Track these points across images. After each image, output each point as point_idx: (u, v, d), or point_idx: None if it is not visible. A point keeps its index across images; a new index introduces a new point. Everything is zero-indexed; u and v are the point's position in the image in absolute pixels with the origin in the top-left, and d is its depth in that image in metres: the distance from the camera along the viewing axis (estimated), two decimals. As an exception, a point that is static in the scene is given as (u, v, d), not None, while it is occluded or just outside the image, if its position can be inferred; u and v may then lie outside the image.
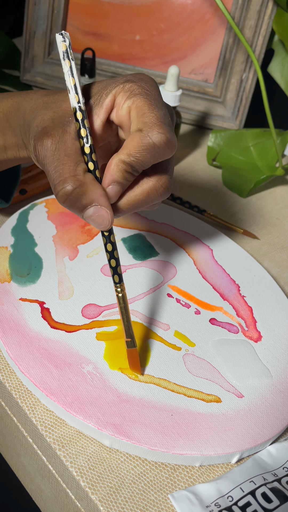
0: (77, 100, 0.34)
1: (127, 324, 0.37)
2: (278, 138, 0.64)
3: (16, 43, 0.81)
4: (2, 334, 0.39)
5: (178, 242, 0.50)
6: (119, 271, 0.36)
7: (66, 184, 0.33)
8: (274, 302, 0.46)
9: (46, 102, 0.38)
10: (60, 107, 0.37)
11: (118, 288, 0.36)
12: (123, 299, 0.36)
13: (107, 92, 0.36)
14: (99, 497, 0.33)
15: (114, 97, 0.35)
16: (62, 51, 0.35)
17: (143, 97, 0.34)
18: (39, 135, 0.35)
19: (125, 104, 0.35)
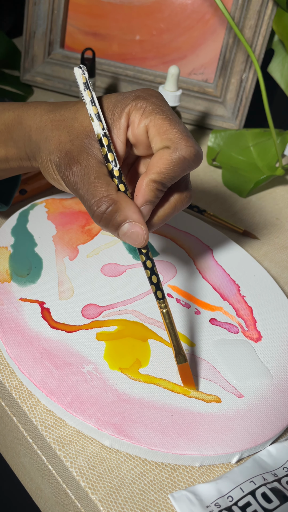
0: (102, 127, 0.35)
1: (175, 340, 0.37)
2: (278, 138, 0.64)
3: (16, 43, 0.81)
4: (2, 334, 0.39)
5: (178, 242, 0.50)
6: (161, 287, 0.36)
7: (101, 204, 0.34)
8: (274, 302, 0.46)
9: (54, 121, 0.38)
10: (73, 126, 0.37)
11: (162, 304, 0.37)
12: (168, 315, 0.37)
13: (120, 110, 0.36)
14: (99, 497, 0.33)
15: (128, 116, 0.36)
16: (82, 83, 0.36)
17: (160, 114, 0.35)
18: (66, 162, 0.36)
19: (142, 124, 0.36)
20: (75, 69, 0.36)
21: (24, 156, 0.41)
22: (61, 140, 0.37)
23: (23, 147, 0.40)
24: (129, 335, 0.40)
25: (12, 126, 0.40)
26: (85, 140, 0.36)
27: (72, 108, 0.38)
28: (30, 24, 0.71)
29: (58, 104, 0.40)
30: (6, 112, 0.41)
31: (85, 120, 0.37)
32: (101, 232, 0.49)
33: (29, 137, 0.39)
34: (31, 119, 0.39)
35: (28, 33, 0.71)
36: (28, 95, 0.74)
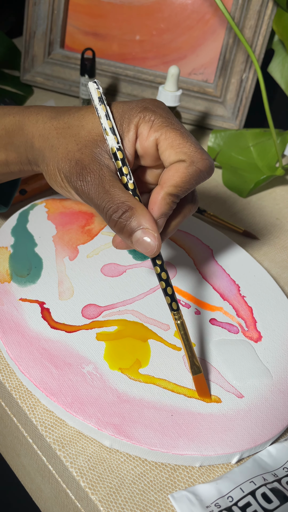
0: (117, 141, 0.36)
1: (190, 351, 0.37)
2: (278, 138, 0.64)
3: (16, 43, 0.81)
4: (2, 334, 0.39)
5: (178, 242, 0.50)
6: (175, 298, 0.37)
7: (118, 209, 0.35)
8: (274, 302, 0.46)
9: (59, 128, 0.38)
10: (79, 134, 0.37)
11: (176, 315, 0.37)
12: (183, 326, 0.37)
13: (128, 122, 0.36)
14: (99, 497, 0.33)
15: (136, 129, 0.37)
16: (97, 97, 0.36)
17: (170, 128, 0.36)
18: (77, 171, 0.36)
19: (152, 137, 0.36)
20: (90, 84, 0.36)
21: (25, 161, 0.41)
22: (69, 149, 0.37)
23: (24, 153, 0.40)
24: (129, 335, 0.41)
25: (13, 131, 0.40)
26: (95, 150, 0.37)
27: (76, 115, 0.38)
28: (30, 24, 0.71)
29: (61, 111, 0.39)
30: (7, 116, 0.41)
31: (93, 129, 0.37)
32: (101, 232, 0.49)
33: (32, 144, 0.39)
34: (33, 125, 0.39)
35: (28, 33, 0.71)
36: (28, 95, 0.74)
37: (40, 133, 0.39)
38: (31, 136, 0.39)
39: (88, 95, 0.65)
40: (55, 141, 0.38)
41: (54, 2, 0.69)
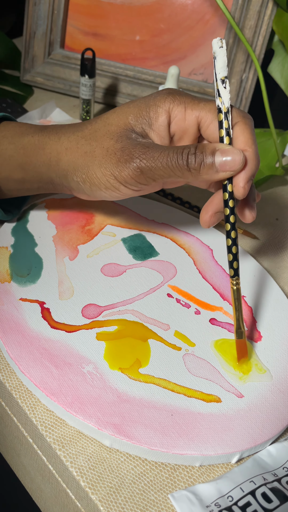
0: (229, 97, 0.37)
1: (240, 315, 0.39)
2: (278, 138, 0.64)
3: (16, 43, 0.81)
4: (2, 334, 0.39)
5: (178, 242, 0.50)
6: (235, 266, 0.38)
7: (188, 149, 0.36)
8: (274, 302, 0.46)
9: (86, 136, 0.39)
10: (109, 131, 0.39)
11: (235, 281, 0.38)
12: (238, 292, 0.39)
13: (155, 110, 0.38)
14: (99, 497, 0.33)
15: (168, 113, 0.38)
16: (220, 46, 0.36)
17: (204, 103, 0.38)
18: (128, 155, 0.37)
19: (191, 116, 0.38)
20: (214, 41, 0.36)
21: (46, 180, 0.42)
22: (106, 146, 0.38)
23: (46, 172, 0.41)
24: (129, 335, 0.41)
25: (31, 151, 0.41)
26: (131, 136, 0.38)
27: (99, 120, 0.40)
28: (30, 24, 0.71)
29: (80, 124, 0.41)
30: (25, 136, 0.41)
31: (120, 122, 0.38)
32: (101, 232, 0.49)
33: (57, 161, 0.40)
34: (55, 143, 0.40)
35: (28, 33, 0.71)
36: (28, 95, 0.74)
37: (67, 147, 0.39)
38: (56, 153, 0.40)
39: (88, 96, 0.65)
40: (87, 147, 0.38)
41: (54, 2, 0.70)
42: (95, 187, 0.39)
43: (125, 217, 0.51)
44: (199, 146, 0.36)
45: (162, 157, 0.36)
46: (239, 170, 0.36)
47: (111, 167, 0.37)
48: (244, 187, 0.36)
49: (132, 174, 0.37)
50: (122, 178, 0.37)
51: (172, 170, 0.36)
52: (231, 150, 0.36)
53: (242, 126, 0.37)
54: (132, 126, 0.38)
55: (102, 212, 0.51)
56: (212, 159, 0.36)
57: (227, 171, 0.36)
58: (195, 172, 0.36)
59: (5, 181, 0.43)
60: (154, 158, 0.36)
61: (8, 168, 0.42)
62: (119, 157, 0.37)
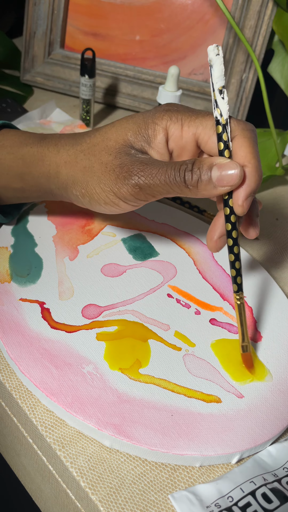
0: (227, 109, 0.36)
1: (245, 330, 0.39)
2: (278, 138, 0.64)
3: (16, 43, 0.81)
4: (2, 334, 0.39)
5: (178, 242, 0.50)
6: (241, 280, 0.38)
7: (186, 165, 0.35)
8: (274, 302, 0.46)
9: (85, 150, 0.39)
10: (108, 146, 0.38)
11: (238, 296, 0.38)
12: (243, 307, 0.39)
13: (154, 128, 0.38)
14: (99, 497, 0.33)
15: (166, 131, 0.37)
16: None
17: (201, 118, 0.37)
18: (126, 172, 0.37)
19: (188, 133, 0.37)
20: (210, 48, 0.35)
21: (46, 190, 0.42)
22: (105, 162, 0.37)
23: (46, 183, 0.41)
24: (129, 335, 0.41)
25: (31, 162, 0.41)
26: (130, 152, 0.37)
27: (97, 134, 0.39)
28: (30, 24, 0.71)
29: (79, 136, 0.40)
30: (24, 147, 0.41)
31: (119, 137, 0.38)
32: (101, 232, 0.49)
33: (56, 173, 0.40)
34: (55, 156, 0.40)
35: (28, 33, 0.71)
36: (28, 95, 0.74)
37: (66, 160, 0.39)
38: (55, 165, 0.40)
39: (88, 96, 0.65)
40: (86, 162, 0.38)
41: (54, 2, 0.70)
42: (95, 201, 0.39)
43: (125, 217, 0.51)
44: (196, 162, 0.35)
45: (160, 174, 0.36)
46: (238, 184, 0.35)
47: (110, 184, 0.37)
48: (243, 205, 0.36)
49: (131, 191, 0.37)
50: (121, 195, 0.37)
51: (170, 187, 0.36)
52: (228, 164, 0.35)
53: (241, 139, 0.36)
54: (131, 142, 0.38)
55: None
56: (209, 175, 0.35)
57: (225, 186, 0.35)
58: (193, 188, 0.35)
59: (4, 190, 0.43)
60: (153, 175, 0.36)
61: (7, 177, 0.42)
62: (117, 173, 0.37)
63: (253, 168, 0.35)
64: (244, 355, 0.40)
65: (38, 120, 0.67)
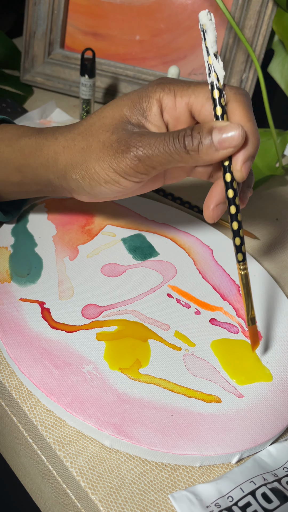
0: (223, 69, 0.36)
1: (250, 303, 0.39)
2: (278, 138, 0.64)
3: (16, 43, 0.81)
4: (2, 334, 0.39)
5: (178, 242, 0.50)
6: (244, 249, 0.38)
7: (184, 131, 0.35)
8: (274, 302, 0.46)
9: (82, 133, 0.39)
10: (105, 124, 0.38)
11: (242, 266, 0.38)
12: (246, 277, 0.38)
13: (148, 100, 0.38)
14: (99, 497, 0.33)
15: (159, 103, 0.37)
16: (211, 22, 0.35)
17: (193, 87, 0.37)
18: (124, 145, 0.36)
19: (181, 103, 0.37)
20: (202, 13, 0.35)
21: (45, 182, 0.41)
22: (102, 139, 0.37)
23: (44, 174, 0.41)
24: (129, 335, 0.41)
25: (29, 153, 0.41)
26: (127, 126, 0.37)
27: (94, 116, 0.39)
28: (30, 24, 0.71)
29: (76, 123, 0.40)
30: (22, 139, 0.41)
31: (115, 114, 0.38)
32: (101, 232, 0.49)
33: (55, 161, 0.39)
34: (53, 143, 0.40)
35: (28, 33, 0.71)
36: (28, 95, 0.74)
37: (64, 145, 0.39)
38: (53, 153, 0.39)
39: (88, 96, 0.65)
40: (83, 143, 0.38)
41: (54, 2, 0.70)
42: (95, 182, 0.38)
43: (125, 217, 0.51)
44: (195, 127, 0.35)
45: (159, 143, 0.35)
46: (240, 145, 0.35)
47: (108, 160, 0.37)
48: (242, 170, 0.35)
49: (131, 164, 0.36)
50: (121, 170, 0.37)
51: (170, 155, 0.35)
52: (229, 125, 0.34)
53: (234, 104, 0.35)
54: (127, 117, 0.38)
55: (102, 212, 0.51)
56: (210, 138, 0.34)
57: (227, 148, 0.35)
58: (194, 154, 0.35)
59: (2, 184, 0.43)
60: (151, 145, 0.35)
61: (6, 171, 0.42)
62: (115, 148, 0.36)
63: (250, 131, 0.35)
64: (251, 328, 0.39)
65: (38, 120, 0.67)
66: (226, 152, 0.35)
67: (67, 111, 0.72)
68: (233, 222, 0.37)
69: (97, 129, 0.38)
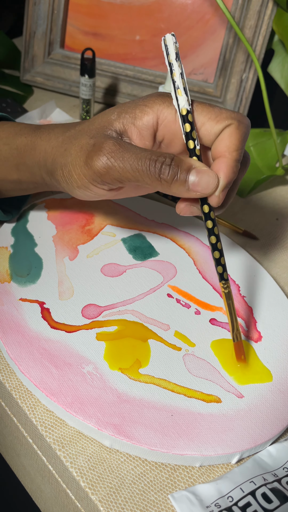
0: (188, 103, 0.35)
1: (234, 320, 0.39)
2: (278, 138, 0.64)
3: (16, 43, 0.81)
4: (2, 334, 0.39)
5: (178, 242, 0.50)
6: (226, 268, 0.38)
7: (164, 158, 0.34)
8: (274, 302, 0.46)
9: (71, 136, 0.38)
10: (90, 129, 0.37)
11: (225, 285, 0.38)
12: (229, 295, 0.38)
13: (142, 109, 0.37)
14: (99, 497, 0.33)
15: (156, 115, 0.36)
16: (175, 52, 0.35)
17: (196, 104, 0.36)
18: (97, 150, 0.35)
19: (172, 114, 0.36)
20: (167, 36, 0.35)
21: (40, 181, 0.41)
22: (82, 144, 0.37)
23: (38, 172, 0.41)
24: (129, 335, 0.41)
25: (25, 152, 0.41)
26: (106, 132, 0.36)
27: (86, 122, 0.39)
28: (30, 24, 0.71)
29: (72, 124, 0.40)
30: (19, 137, 0.41)
31: (102, 120, 0.37)
32: (101, 232, 0.49)
33: (45, 160, 0.39)
34: (45, 143, 0.40)
35: (28, 33, 0.71)
36: (28, 95, 0.74)
37: (53, 146, 0.39)
38: (44, 152, 0.39)
39: (88, 95, 0.65)
40: (68, 145, 0.38)
41: (54, 2, 0.69)
42: (70, 185, 0.38)
43: (125, 217, 0.51)
44: (175, 159, 0.34)
45: (132, 159, 0.34)
46: (211, 194, 0.35)
47: (80, 164, 0.36)
48: (219, 195, 0.35)
49: (98, 172, 0.35)
50: (89, 176, 0.36)
51: (140, 175, 0.34)
52: (207, 172, 0.34)
53: (233, 129, 0.35)
54: (112, 122, 0.37)
55: (102, 212, 0.51)
56: (186, 176, 0.34)
57: (197, 192, 0.34)
58: (165, 184, 0.34)
59: (2, 182, 0.43)
60: (124, 158, 0.34)
61: (4, 169, 0.42)
62: (89, 152, 0.35)
63: (233, 160, 0.35)
64: (236, 344, 0.40)
65: (38, 120, 0.67)
66: (195, 194, 0.35)
67: (67, 111, 0.72)
68: (215, 251, 0.37)
69: (83, 133, 0.37)
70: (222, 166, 0.35)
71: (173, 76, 0.35)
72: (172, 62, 0.35)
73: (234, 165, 0.35)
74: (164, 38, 0.35)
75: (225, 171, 0.35)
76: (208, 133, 0.36)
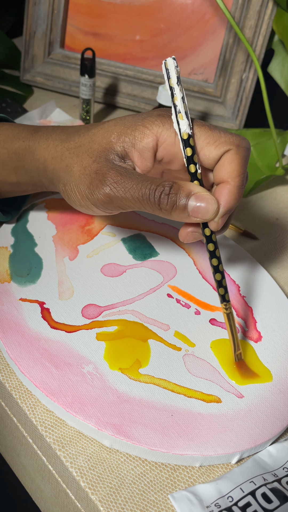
0: (190, 127, 0.35)
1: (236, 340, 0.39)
2: (278, 138, 0.64)
3: (16, 43, 0.81)
4: (2, 334, 0.39)
5: (178, 242, 0.50)
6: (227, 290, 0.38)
7: (163, 187, 0.34)
8: (274, 302, 0.46)
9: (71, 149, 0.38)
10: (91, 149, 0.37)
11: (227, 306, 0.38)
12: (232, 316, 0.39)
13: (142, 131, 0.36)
14: (99, 497, 0.33)
15: (155, 136, 0.36)
16: (176, 76, 0.35)
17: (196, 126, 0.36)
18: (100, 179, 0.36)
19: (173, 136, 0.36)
20: (169, 60, 0.35)
21: (38, 183, 0.42)
22: (84, 165, 0.37)
23: (37, 176, 0.41)
24: (129, 335, 0.41)
25: (23, 156, 0.41)
26: (109, 157, 0.37)
27: (86, 134, 0.39)
28: (30, 24, 0.71)
29: (70, 132, 0.40)
30: (17, 141, 0.41)
31: (103, 140, 0.37)
32: (101, 232, 0.49)
33: (44, 168, 0.40)
34: (44, 150, 0.40)
35: (28, 33, 0.71)
36: (28, 95, 0.74)
37: (53, 156, 0.39)
38: (43, 160, 0.40)
39: (88, 95, 0.65)
40: (69, 161, 0.38)
41: (54, 2, 0.69)
42: (72, 201, 0.39)
43: (125, 217, 0.51)
44: (174, 187, 0.34)
45: (134, 189, 0.35)
46: (210, 220, 0.35)
47: (84, 188, 0.37)
48: (218, 221, 0.35)
49: (102, 200, 0.36)
50: (93, 201, 0.37)
51: (142, 204, 0.35)
52: (207, 198, 0.34)
53: (232, 155, 0.35)
54: (113, 144, 0.37)
55: (102, 212, 0.51)
56: (186, 202, 0.34)
57: (198, 218, 0.34)
58: (165, 212, 0.35)
59: (1, 184, 0.44)
60: (126, 188, 0.35)
61: (3, 172, 0.42)
62: (92, 179, 0.36)
63: (235, 186, 0.35)
64: (239, 364, 0.40)
65: (38, 120, 0.67)
66: (196, 220, 0.35)
67: (67, 111, 0.72)
68: (216, 273, 0.37)
69: (84, 152, 0.37)
70: (224, 193, 0.35)
71: (174, 100, 0.35)
72: (173, 86, 0.35)
73: (236, 191, 0.35)
74: (165, 61, 0.35)
75: (226, 198, 0.35)
76: (207, 158, 0.36)
